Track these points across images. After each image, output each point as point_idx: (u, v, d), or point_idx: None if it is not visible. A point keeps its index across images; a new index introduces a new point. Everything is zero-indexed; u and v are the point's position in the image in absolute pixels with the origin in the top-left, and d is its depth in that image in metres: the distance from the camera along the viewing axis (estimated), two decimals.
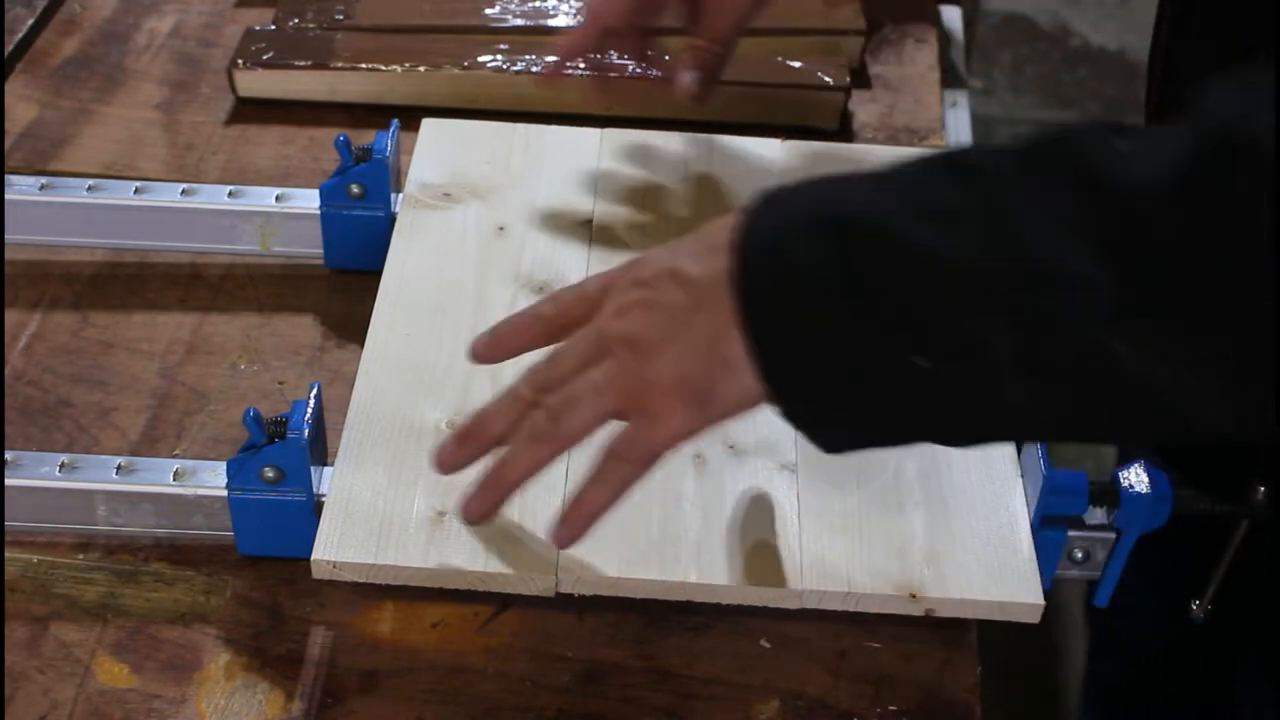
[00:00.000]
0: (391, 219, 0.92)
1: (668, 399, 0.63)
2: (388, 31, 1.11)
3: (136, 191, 0.92)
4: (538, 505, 0.75)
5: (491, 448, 0.68)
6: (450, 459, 0.69)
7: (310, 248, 0.93)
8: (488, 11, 1.13)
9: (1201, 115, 0.54)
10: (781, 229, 0.60)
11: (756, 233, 0.61)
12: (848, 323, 0.58)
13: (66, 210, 0.92)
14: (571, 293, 0.69)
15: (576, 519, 0.67)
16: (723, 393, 0.62)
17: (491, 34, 1.11)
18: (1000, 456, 0.79)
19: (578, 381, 0.65)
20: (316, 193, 0.92)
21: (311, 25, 1.11)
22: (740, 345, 0.61)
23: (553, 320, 0.68)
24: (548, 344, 0.68)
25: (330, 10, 1.13)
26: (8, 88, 1.08)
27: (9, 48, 1.12)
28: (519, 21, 1.12)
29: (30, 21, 1.15)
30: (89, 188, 0.93)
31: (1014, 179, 0.57)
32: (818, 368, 0.59)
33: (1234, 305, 0.53)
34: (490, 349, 0.70)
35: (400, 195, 0.94)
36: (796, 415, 0.61)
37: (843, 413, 0.61)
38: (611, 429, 0.66)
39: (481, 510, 0.68)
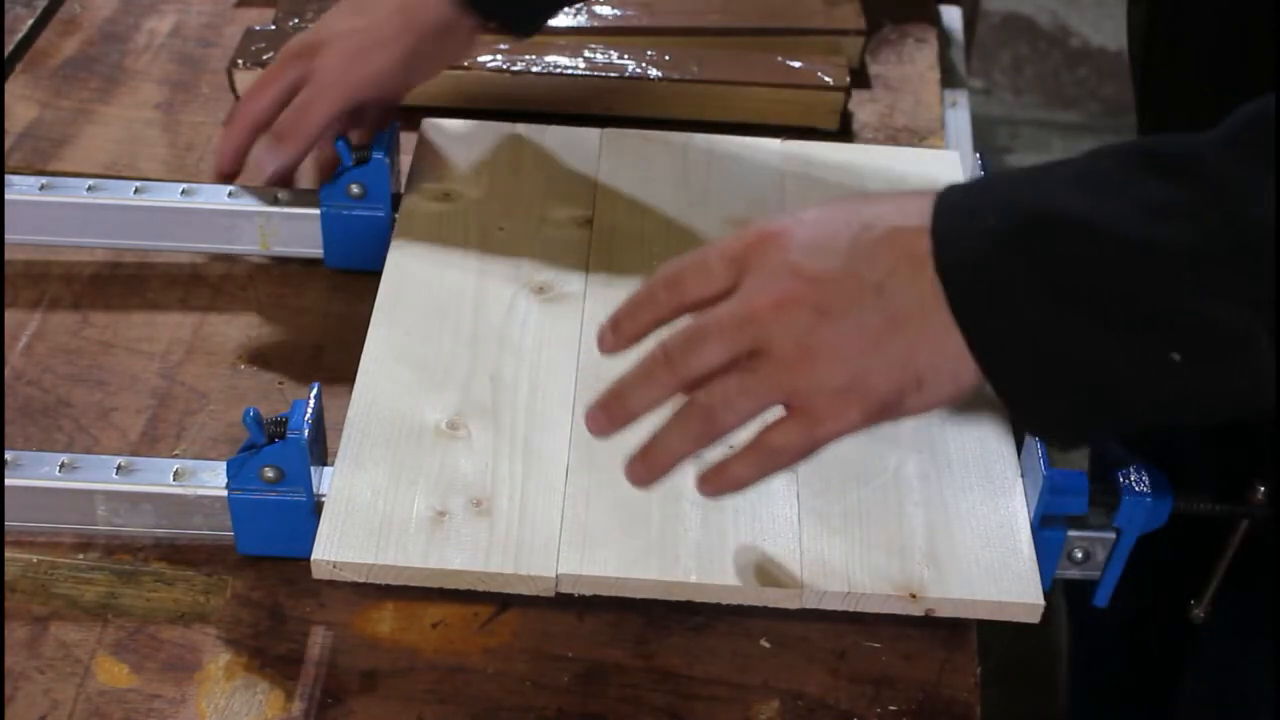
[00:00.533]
0: (391, 219, 0.92)
1: (841, 406, 0.61)
2: None
3: (136, 191, 0.92)
4: (538, 505, 0.75)
5: (634, 421, 0.65)
6: (598, 428, 0.66)
7: (310, 248, 0.93)
8: None
9: None
10: (991, 240, 0.58)
11: (961, 244, 0.59)
12: (1095, 333, 0.57)
13: (66, 210, 0.92)
14: (692, 270, 0.64)
15: (720, 483, 0.65)
16: (908, 405, 0.61)
17: (491, 34, 1.11)
18: (1000, 456, 0.79)
19: (733, 381, 0.62)
20: (316, 192, 0.92)
21: (311, 25, 1.11)
22: (942, 365, 0.60)
23: (672, 304, 0.64)
24: (670, 323, 0.65)
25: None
26: (8, 88, 1.08)
27: (9, 48, 1.12)
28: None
29: (30, 21, 1.15)
30: (89, 188, 0.93)
31: (1226, 163, 0.56)
32: (1066, 382, 0.58)
33: None
34: (616, 342, 0.66)
35: (400, 192, 0.94)
36: (1044, 428, 0.61)
37: (1093, 416, 0.60)
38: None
39: (645, 483, 0.66)
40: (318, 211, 0.92)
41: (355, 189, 0.91)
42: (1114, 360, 0.57)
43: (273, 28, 1.11)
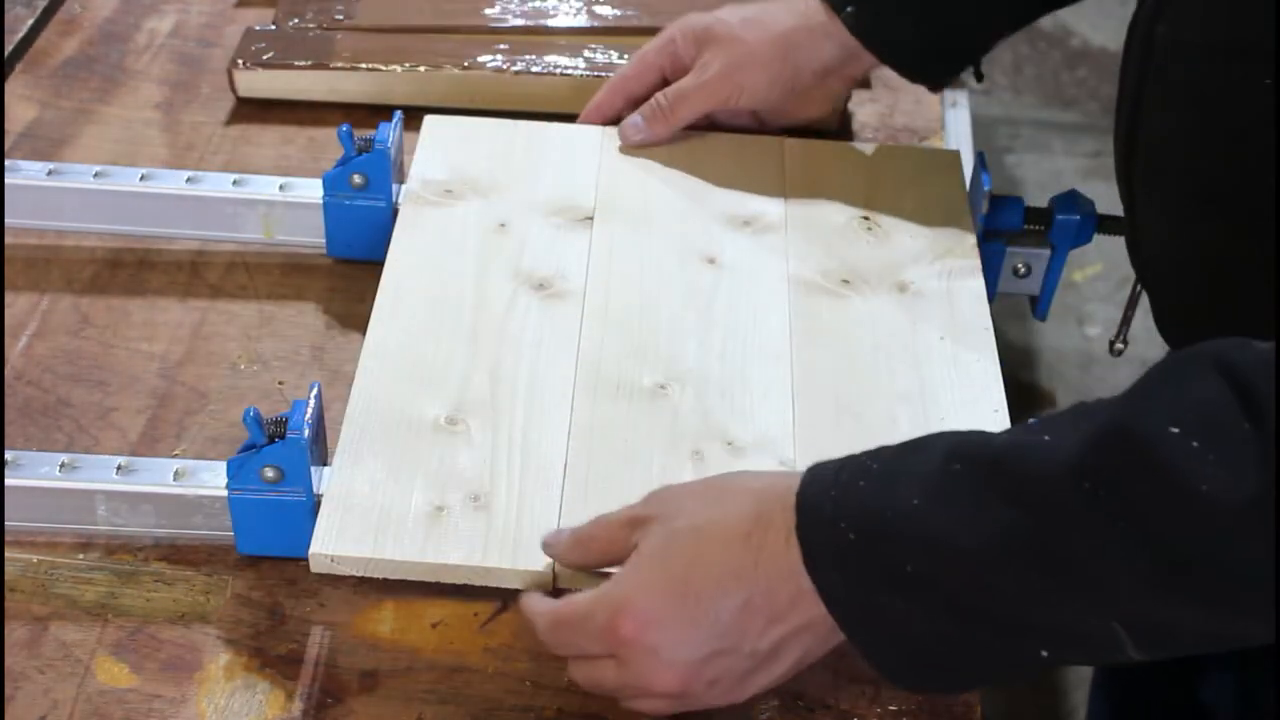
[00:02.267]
0: (393, 209, 0.92)
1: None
2: (388, 31, 1.11)
3: (142, 179, 0.93)
4: (535, 501, 0.75)
5: None
6: None
7: (313, 236, 0.94)
8: (487, 11, 1.13)
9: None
10: (853, 556, 0.61)
11: (826, 557, 0.62)
12: (966, 641, 0.61)
13: (72, 196, 0.93)
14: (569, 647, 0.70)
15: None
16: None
17: (491, 34, 1.11)
18: None
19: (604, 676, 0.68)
20: (319, 182, 0.92)
21: (311, 25, 1.11)
22: (809, 656, 0.66)
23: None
24: None
25: (330, 10, 1.13)
26: (8, 88, 1.08)
27: (9, 48, 1.12)
28: (519, 21, 1.12)
29: (30, 21, 1.15)
30: (95, 174, 0.93)
31: (1069, 500, 0.57)
32: (941, 673, 0.63)
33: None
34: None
35: (402, 187, 0.94)
36: (917, 692, 0.68)
37: (964, 688, 0.68)
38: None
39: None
40: (320, 201, 0.92)
41: (357, 179, 0.91)
42: (987, 661, 0.62)
43: (273, 27, 1.11)
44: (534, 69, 1.07)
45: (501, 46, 1.09)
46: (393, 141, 0.92)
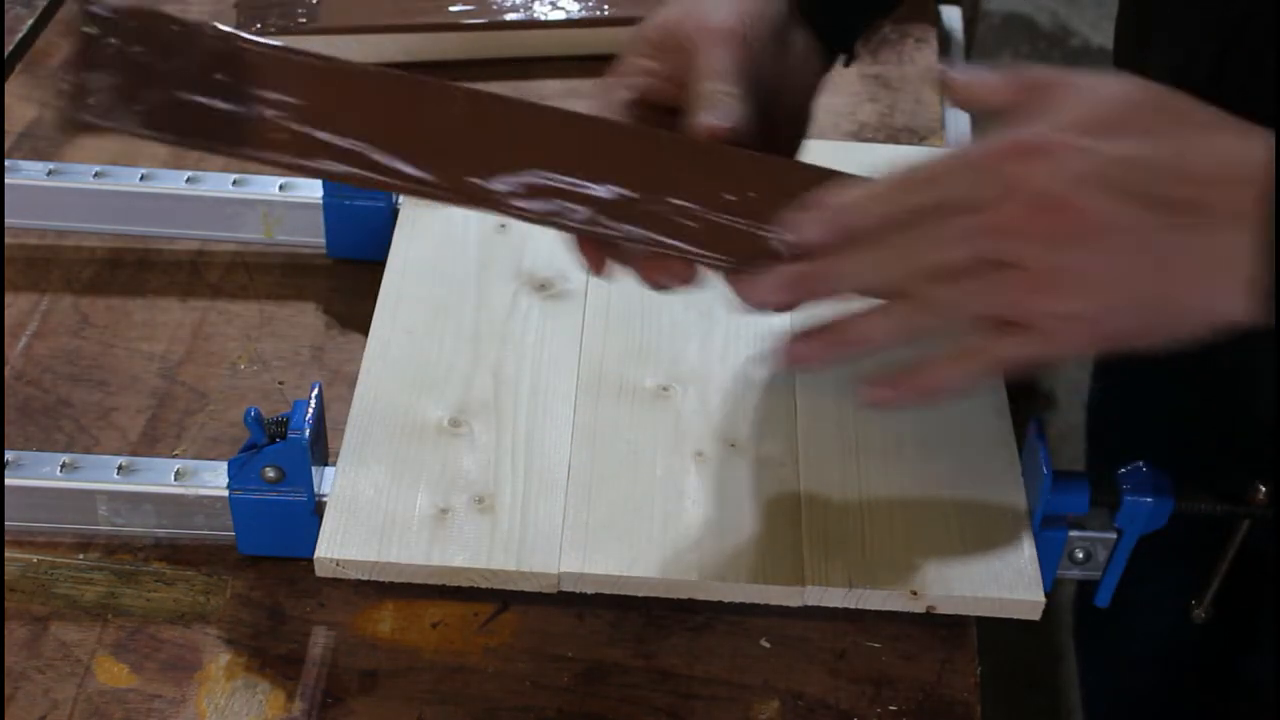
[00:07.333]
0: (393, 209, 0.92)
1: (1076, 332, 0.58)
2: (350, 32, 1.10)
3: (143, 179, 0.93)
4: (540, 502, 0.75)
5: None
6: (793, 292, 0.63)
7: (313, 236, 0.94)
8: (452, 9, 1.11)
9: None
10: None
11: None
12: None
13: (72, 196, 0.93)
14: (938, 180, 0.59)
15: (921, 385, 0.62)
16: (1144, 343, 0.58)
17: (458, 30, 1.10)
18: (1001, 455, 0.79)
19: (969, 284, 0.58)
20: (319, 182, 0.92)
21: (273, 29, 1.10)
22: (1204, 320, 0.57)
23: (910, 206, 0.60)
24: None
25: (293, 14, 1.11)
26: (8, 88, 1.08)
27: (9, 48, 1.12)
28: (482, 19, 1.11)
29: (30, 21, 1.15)
30: (95, 174, 0.93)
31: None
32: None
33: None
34: (828, 231, 0.62)
35: None
36: None
37: None
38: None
39: (818, 359, 0.63)
40: (320, 201, 0.92)
41: None
42: None
43: None
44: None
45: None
46: None
